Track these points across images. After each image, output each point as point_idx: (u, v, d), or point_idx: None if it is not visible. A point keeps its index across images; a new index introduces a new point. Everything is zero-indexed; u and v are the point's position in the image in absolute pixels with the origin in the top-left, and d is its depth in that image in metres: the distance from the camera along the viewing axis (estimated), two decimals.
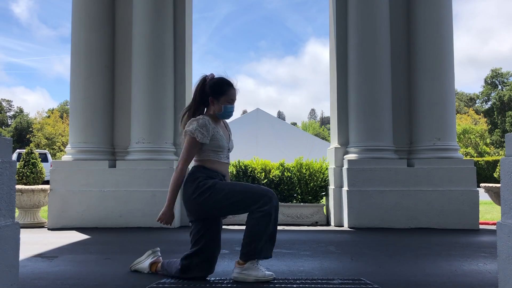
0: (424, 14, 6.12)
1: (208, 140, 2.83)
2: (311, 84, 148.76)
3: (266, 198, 2.73)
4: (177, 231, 5.46)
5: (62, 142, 38.42)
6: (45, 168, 7.79)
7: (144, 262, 3.13)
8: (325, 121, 76.25)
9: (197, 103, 2.95)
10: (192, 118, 2.88)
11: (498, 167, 6.22)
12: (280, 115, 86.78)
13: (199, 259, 2.83)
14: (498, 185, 5.76)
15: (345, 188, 5.90)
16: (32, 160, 6.53)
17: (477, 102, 56.31)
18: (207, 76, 2.98)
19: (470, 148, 32.36)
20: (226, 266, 3.33)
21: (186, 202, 2.87)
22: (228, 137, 3.03)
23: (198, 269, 2.85)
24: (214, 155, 2.89)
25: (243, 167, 6.53)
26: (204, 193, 2.77)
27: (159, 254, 3.18)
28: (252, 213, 2.76)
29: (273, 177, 6.49)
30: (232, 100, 2.94)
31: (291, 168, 6.63)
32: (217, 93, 2.90)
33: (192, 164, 2.94)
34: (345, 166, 5.99)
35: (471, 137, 34.02)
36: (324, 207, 6.47)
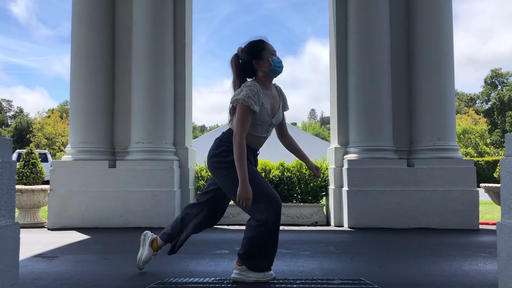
0: (424, 14, 6.11)
1: (258, 110, 2.68)
2: (311, 84, 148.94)
3: (266, 206, 2.65)
4: None
5: (62, 142, 38.43)
6: (45, 168, 7.80)
7: (145, 250, 3.09)
8: (325, 121, 76.23)
9: (240, 77, 2.81)
10: (242, 84, 2.76)
11: (498, 167, 6.22)
12: None
13: (202, 213, 2.89)
14: (498, 185, 5.76)
15: (345, 188, 5.90)
16: (32, 160, 6.53)
17: (477, 102, 56.31)
18: (236, 52, 2.85)
19: (470, 148, 32.35)
20: (226, 266, 3.33)
21: (207, 159, 2.87)
22: (277, 107, 2.87)
23: (199, 221, 2.92)
24: (251, 128, 2.74)
25: None
26: (221, 163, 2.72)
27: (150, 232, 3.17)
28: (250, 219, 2.73)
29: (273, 177, 6.49)
30: (274, 51, 2.81)
31: (291, 168, 6.63)
32: (257, 52, 2.78)
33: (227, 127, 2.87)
34: (345, 166, 5.98)
35: (471, 137, 34.02)
36: (324, 207, 6.47)
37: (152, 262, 3.51)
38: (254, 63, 2.78)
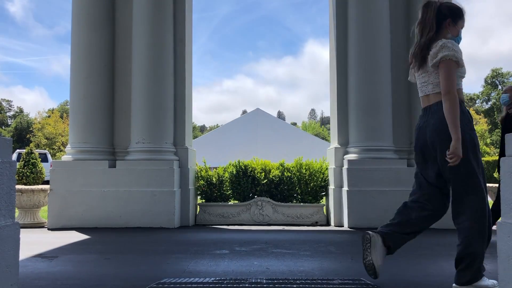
0: None
1: (463, 64, 2.60)
2: (311, 84, 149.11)
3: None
4: (177, 231, 5.46)
5: (62, 142, 38.45)
6: (45, 168, 7.79)
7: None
8: (325, 121, 76.24)
9: (433, 24, 2.65)
10: (437, 42, 2.60)
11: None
12: (280, 115, 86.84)
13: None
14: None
15: (345, 188, 5.90)
16: (32, 160, 6.53)
17: (477, 102, 56.30)
18: (434, 1, 2.70)
19: None
20: (226, 266, 3.33)
21: (442, 141, 2.60)
22: None
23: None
24: (461, 82, 2.65)
25: (243, 167, 6.53)
26: (470, 148, 2.55)
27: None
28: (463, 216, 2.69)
29: (273, 177, 6.49)
30: (463, 26, 2.73)
31: (291, 168, 6.63)
32: (456, 16, 2.69)
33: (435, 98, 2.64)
34: (345, 166, 5.98)
35: None
36: (324, 207, 6.47)
37: (152, 262, 3.52)
38: (446, 23, 2.69)
